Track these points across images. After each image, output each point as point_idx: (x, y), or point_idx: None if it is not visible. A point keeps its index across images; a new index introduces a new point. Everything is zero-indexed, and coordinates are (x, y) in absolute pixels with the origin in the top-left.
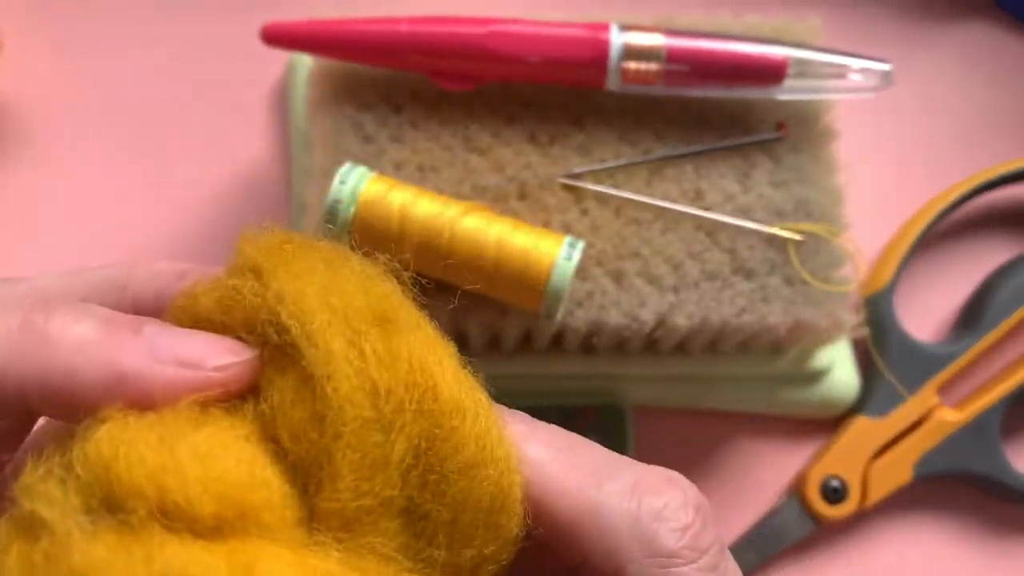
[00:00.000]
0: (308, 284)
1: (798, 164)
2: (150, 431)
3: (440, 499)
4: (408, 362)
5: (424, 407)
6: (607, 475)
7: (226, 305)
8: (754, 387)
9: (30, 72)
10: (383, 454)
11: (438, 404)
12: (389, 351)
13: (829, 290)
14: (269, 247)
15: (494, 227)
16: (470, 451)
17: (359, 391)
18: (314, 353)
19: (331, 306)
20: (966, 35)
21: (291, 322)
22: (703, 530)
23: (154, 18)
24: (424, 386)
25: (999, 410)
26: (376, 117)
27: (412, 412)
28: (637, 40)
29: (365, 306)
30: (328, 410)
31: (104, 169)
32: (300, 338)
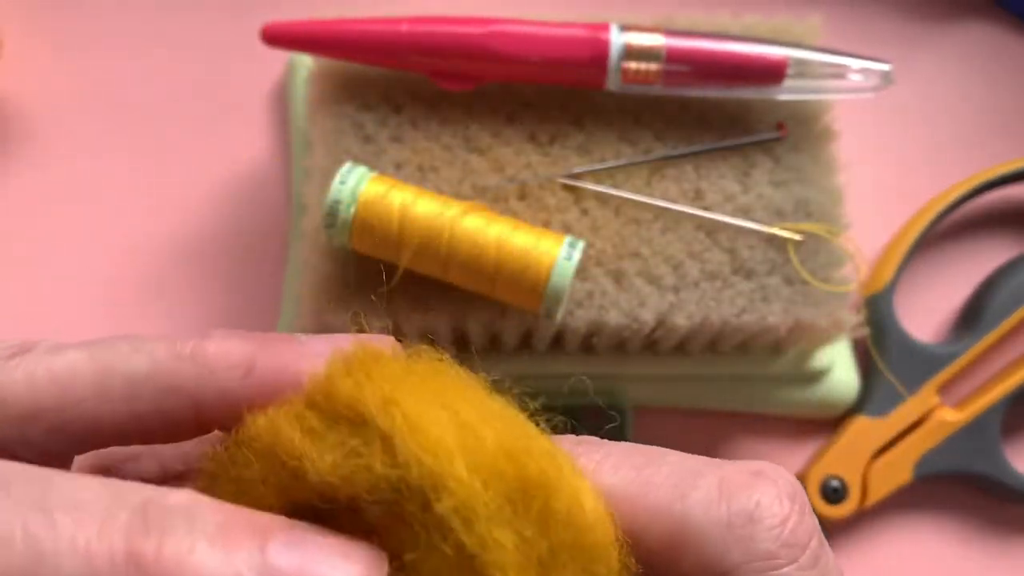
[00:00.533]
0: (447, 455)
1: (798, 164)
2: None
3: None
4: (566, 526)
5: (585, 564)
6: (689, 484)
7: (346, 472)
8: (754, 387)
9: (30, 72)
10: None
11: (592, 553)
12: (547, 521)
13: (829, 290)
14: (379, 388)
15: (494, 227)
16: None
17: (531, 571)
18: (480, 547)
19: (480, 481)
20: (966, 35)
21: (449, 514)
22: (800, 521)
23: (154, 18)
24: (581, 542)
25: (999, 410)
26: (376, 117)
27: (575, 569)
28: (637, 40)
29: (510, 467)
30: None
31: (104, 169)
32: (460, 529)
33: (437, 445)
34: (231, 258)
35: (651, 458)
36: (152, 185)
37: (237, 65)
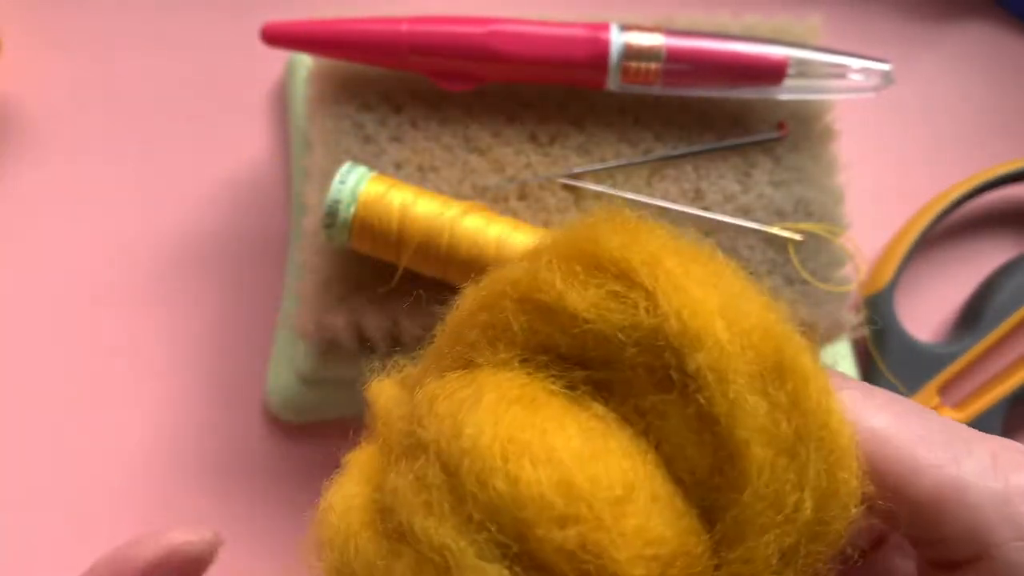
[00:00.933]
0: (709, 315)
1: (798, 164)
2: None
3: (818, 532)
4: (815, 414)
5: (829, 463)
6: (963, 449)
7: (603, 311)
8: None
9: (30, 72)
10: (795, 516)
11: (836, 456)
12: (798, 404)
13: (829, 290)
14: (644, 247)
15: (494, 227)
16: (848, 487)
17: (778, 456)
18: (728, 408)
19: (739, 345)
20: (966, 35)
21: (703, 369)
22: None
23: (153, 18)
24: (828, 440)
25: (1000, 410)
26: (376, 117)
27: (819, 471)
28: (637, 40)
29: (768, 344)
30: (746, 479)
31: (104, 169)
32: (712, 386)
33: (700, 304)
34: (231, 258)
35: (915, 411)
36: (152, 185)
37: (237, 65)
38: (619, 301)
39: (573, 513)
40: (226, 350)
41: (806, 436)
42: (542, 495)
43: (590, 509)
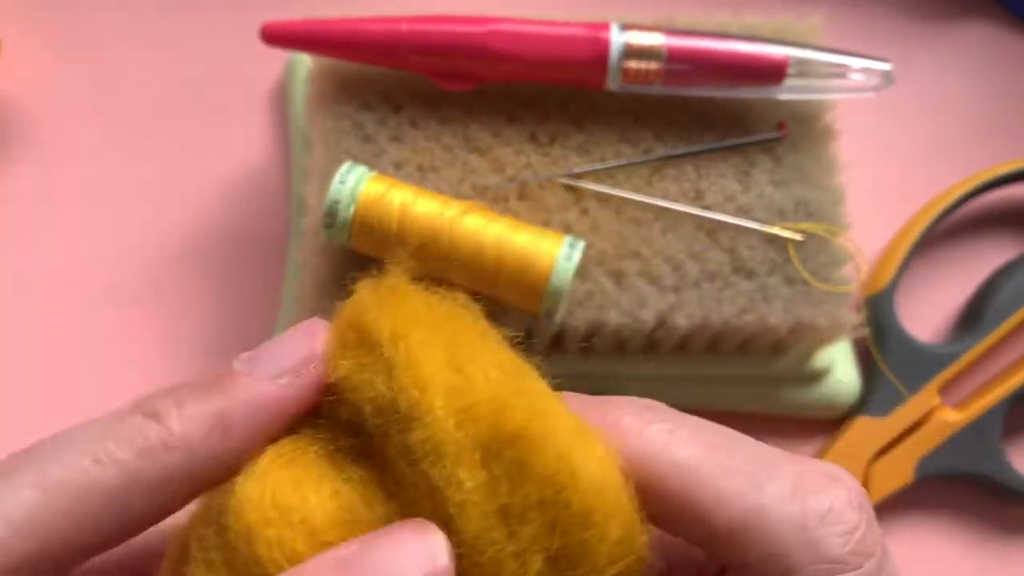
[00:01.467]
0: (433, 390)
1: (798, 164)
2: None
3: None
4: (549, 479)
5: (570, 525)
6: (766, 475)
7: (356, 382)
8: (755, 387)
9: (30, 72)
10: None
11: (578, 517)
12: (523, 472)
13: (830, 290)
14: (394, 319)
15: (494, 227)
16: (606, 541)
17: (492, 529)
18: (442, 482)
19: (455, 421)
20: (967, 35)
21: (419, 444)
22: (868, 530)
23: (153, 18)
24: (566, 503)
25: (1000, 410)
26: (376, 117)
27: (553, 535)
28: (637, 39)
29: (495, 415)
30: (459, 550)
31: (104, 169)
32: (428, 460)
33: (425, 380)
34: (231, 258)
35: (725, 440)
36: (151, 185)
37: (236, 64)
38: (366, 372)
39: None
40: (225, 349)
41: (531, 504)
42: (296, 556)
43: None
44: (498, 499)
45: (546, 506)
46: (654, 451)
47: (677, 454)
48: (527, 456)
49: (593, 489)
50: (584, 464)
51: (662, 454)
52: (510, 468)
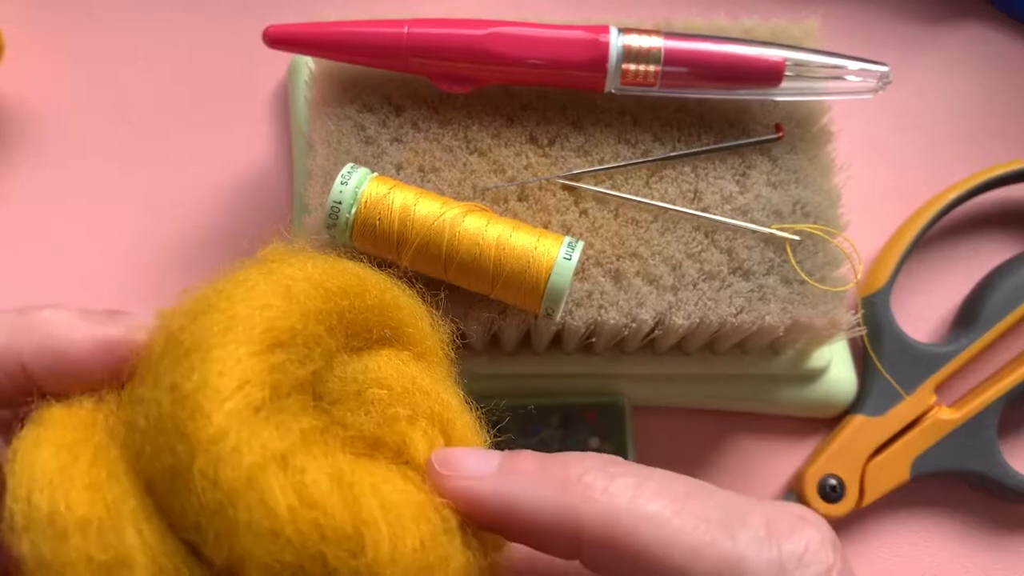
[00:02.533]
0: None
1: (795, 165)
2: None
3: None
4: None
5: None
6: (737, 522)
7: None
8: (752, 386)
9: (31, 73)
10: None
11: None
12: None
13: (826, 290)
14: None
15: (494, 227)
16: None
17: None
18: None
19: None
20: (963, 36)
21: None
22: (844, 568)
23: (155, 20)
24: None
25: (995, 409)
26: (377, 118)
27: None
28: (636, 42)
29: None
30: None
31: (105, 170)
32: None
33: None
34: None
35: (691, 490)
36: (153, 186)
37: (239, 67)
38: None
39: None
40: None
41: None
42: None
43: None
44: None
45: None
46: (620, 506)
47: (645, 508)
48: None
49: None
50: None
51: (629, 509)
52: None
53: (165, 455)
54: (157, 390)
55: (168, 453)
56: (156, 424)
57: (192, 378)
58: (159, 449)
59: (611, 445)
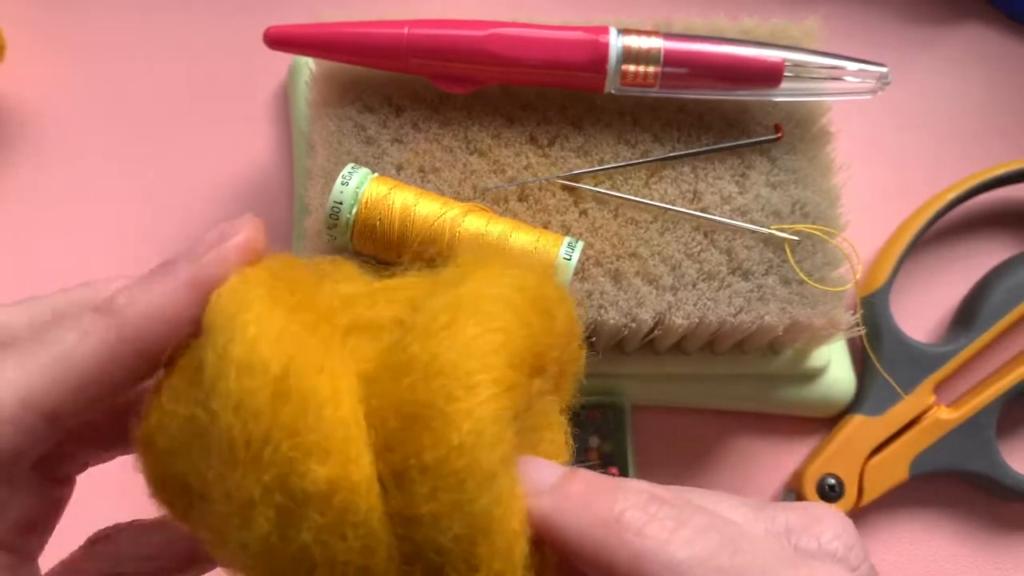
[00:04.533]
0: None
1: (795, 165)
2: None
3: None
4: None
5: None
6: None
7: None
8: (751, 386)
9: (32, 74)
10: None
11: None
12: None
13: (825, 290)
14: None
15: (494, 227)
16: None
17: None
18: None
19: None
20: (962, 37)
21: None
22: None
23: (156, 21)
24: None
25: (994, 409)
26: (378, 119)
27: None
28: (635, 43)
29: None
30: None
31: (106, 171)
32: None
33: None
34: None
35: (730, 539)
36: (154, 186)
37: (240, 68)
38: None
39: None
40: None
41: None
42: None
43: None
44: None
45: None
46: (648, 552)
47: (673, 555)
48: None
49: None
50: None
51: (656, 555)
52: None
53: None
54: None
55: (415, 410)
56: (409, 394)
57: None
58: (405, 403)
59: (611, 445)
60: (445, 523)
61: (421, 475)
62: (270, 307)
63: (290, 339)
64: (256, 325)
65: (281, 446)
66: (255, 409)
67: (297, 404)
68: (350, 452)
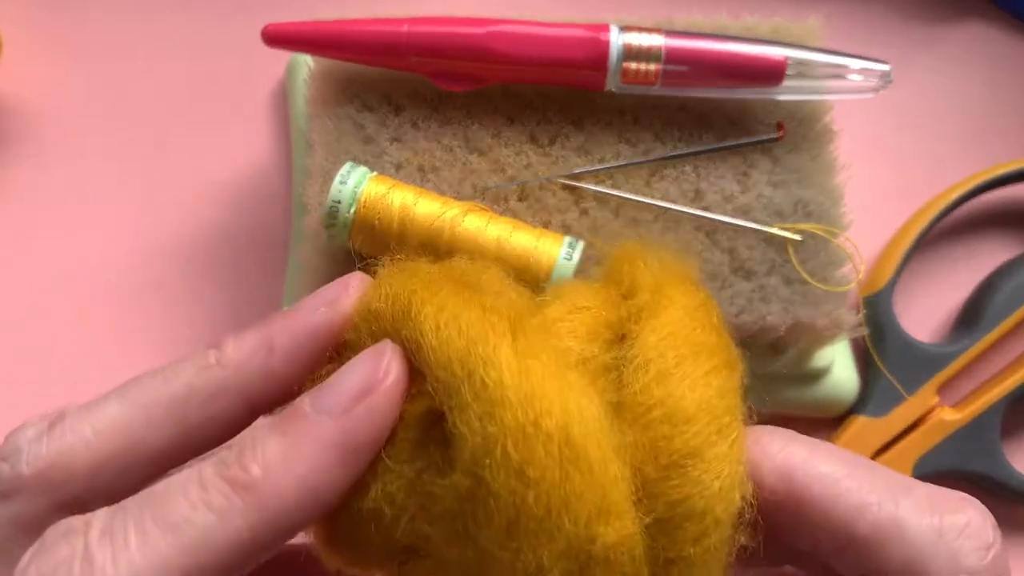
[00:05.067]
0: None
1: (797, 164)
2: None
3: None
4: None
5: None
6: (902, 491)
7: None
8: (753, 387)
9: (30, 73)
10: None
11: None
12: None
13: (828, 290)
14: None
15: (494, 227)
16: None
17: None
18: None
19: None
20: (965, 35)
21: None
22: (1003, 552)
23: (154, 19)
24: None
25: (998, 410)
26: (377, 117)
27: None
28: (637, 41)
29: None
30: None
31: (104, 169)
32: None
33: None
34: (231, 258)
35: (860, 461)
36: (152, 185)
37: (237, 65)
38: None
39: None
40: None
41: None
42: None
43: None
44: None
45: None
46: (797, 463)
47: (819, 467)
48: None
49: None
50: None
51: (805, 466)
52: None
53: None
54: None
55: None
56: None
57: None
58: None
59: None
60: (712, 560)
61: (687, 521)
62: (514, 352)
63: (555, 391)
64: (517, 377)
65: (574, 513)
66: (543, 478)
67: (584, 467)
68: (627, 509)
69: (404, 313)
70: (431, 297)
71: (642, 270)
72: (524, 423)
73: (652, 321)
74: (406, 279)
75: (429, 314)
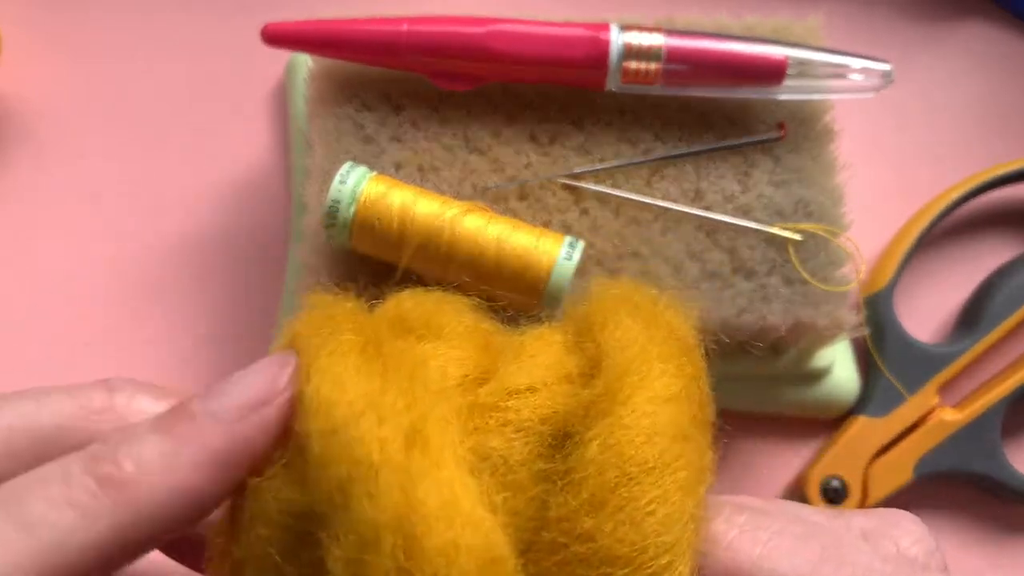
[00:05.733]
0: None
1: (798, 164)
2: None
3: None
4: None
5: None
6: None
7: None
8: (754, 387)
9: (30, 72)
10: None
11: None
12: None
13: (829, 290)
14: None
15: (494, 227)
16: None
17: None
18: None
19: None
20: (966, 35)
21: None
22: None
23: (154, 18)
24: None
25: (999, 410)
26: (376, 117)
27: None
28: (637, 40)
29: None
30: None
31: (104, 169)
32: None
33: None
34: (231, 258)
35: (824, 543)
36: (152, 185)
37: (237, 65)
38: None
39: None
40: (226, 350)
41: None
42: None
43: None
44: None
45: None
46: (747, 563)
47: (778, 566)
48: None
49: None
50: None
51: (757, 566)
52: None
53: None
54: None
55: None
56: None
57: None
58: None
59: None
60: None
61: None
62: (407, 475)
63: (444, 526)
64: (403, 509)
65: None
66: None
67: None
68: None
69: (298, 396)
70: (326, 384)
71: (614, 338)
72: (401, 566)
73: (602, 422)
74: (311, 344)
75: (319, 410)
